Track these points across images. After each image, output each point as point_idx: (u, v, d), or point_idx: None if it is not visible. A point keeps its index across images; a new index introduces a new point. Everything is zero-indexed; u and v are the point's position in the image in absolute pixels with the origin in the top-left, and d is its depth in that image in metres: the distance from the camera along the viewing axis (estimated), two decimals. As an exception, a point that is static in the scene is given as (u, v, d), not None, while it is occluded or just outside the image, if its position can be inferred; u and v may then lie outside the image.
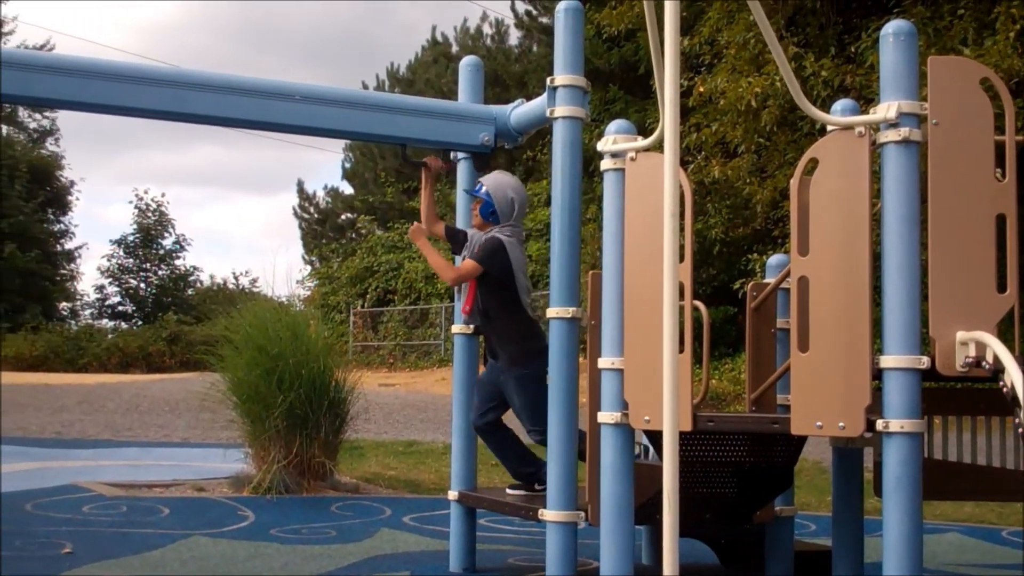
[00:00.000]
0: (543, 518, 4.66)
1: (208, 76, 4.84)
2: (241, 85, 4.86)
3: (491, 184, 5.36)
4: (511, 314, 5.27)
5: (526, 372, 5.19)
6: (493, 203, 5.31)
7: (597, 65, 23.20)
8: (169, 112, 4.80)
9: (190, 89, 4.76)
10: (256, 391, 8.03)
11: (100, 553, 5.59)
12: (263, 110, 4.89)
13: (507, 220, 5.32)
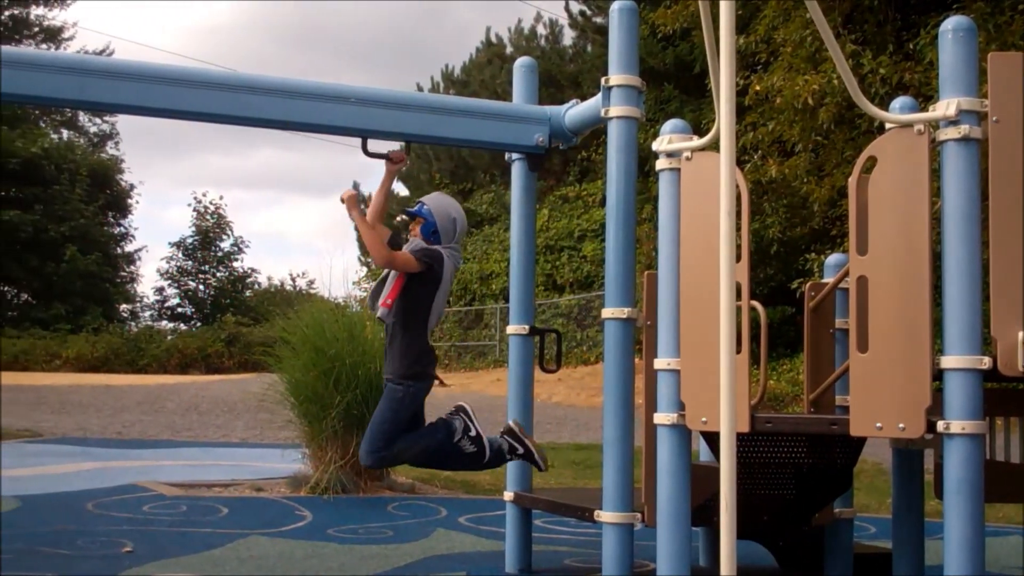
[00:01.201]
0: (599, 519, 4.65)
1: (265, 80, 4.88)
2: (297, 88, 4.89)
3: (433, 204, 5.18)
4: (416, 329, 5.00)
5: (400, 389, 4.98)
6: (435, 222, 5.09)
7: (652, 64, 23.12)
8: (227, 116, 4.84)
9: (247, 93, 4.80)
10: (313, 392, 8.09)
11: (160, 552, 5.65)
12: (319, 113, 4.92)
13: (448, 241, 5.09)
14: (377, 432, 4.95)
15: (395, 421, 4.95)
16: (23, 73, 4.51)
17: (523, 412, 5.50)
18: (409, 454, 5.03)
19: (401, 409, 4.95)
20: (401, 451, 5.00)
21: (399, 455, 5.04)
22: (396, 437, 4.92)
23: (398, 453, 5.02)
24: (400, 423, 4.92)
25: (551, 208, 30.63)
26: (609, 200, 4.81)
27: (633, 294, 4.78)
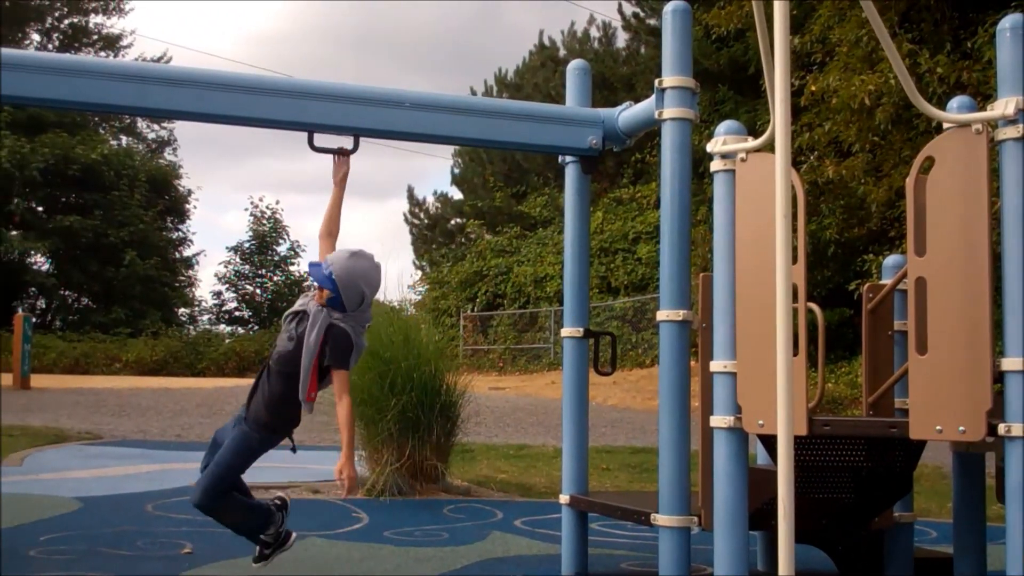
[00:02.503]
0: (656, 523, 4.64)
1: (320, 85, 4.92)
2: (352, 93, 4.92)
3: (340, 271, 4.75)
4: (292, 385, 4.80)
5: (256, 438, 4.89)
6: (339, 294, 4.75)
7: (706, 66, 23.02)
8: (283, 121, 4.88)
9: (303, 98, 4.84)
10: (369, 394, 8.13)
11: (218, 553, 5.71)
12: (374, 117, 4.94)
13: (353, 309, 4.81)
14: (217, 474, 4.80)
15: (238, 467, 4.88)
16: (83, 81, 4.58)
17: (578, 415, 5.49)
18: (227, 519, 4.94)
19: (249, 457, 4.88)
20: (225, 510, 4.88)
21: (221, 513, 4.89)
22: (231, 483, 4.81)
23: (222, 511, 4.88)
24: (241, 469, 4.85)
25: (605, 210, 30.61)
26: (663, 202, 4.80)
27: (688, 296, 4.76)
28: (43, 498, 7.50)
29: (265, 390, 4.87)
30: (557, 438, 8.64)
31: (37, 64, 4.63)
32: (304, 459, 10.76)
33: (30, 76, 4.54)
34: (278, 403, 4.84)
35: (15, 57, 4.66)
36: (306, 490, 8.23)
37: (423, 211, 44.72)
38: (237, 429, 4.90)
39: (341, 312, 4.76)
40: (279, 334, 4.92)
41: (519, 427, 15.66)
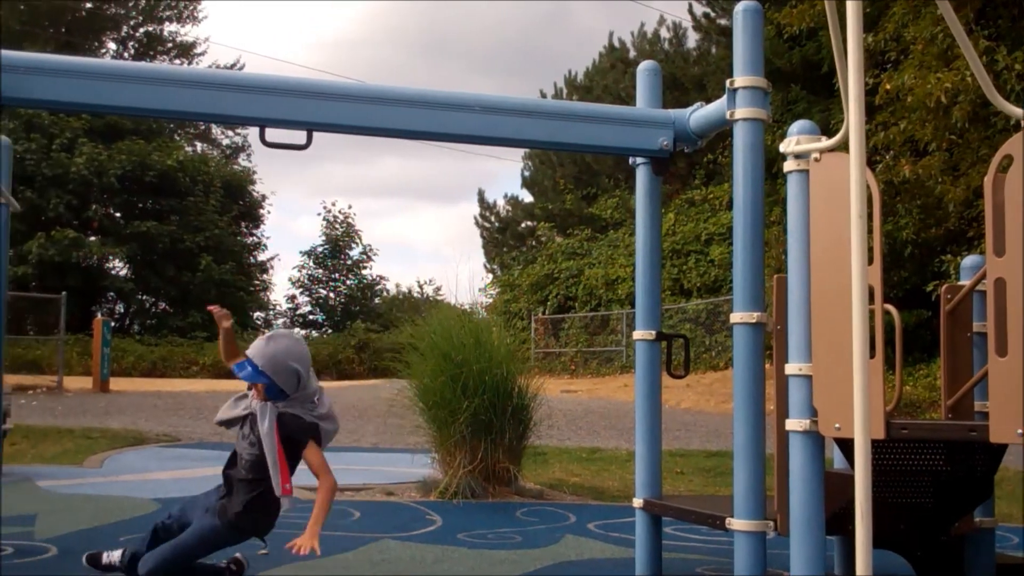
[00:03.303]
0: (731, 527, 4.59)
1: (391, 90, 4.94)
2: (423, 98, 4.94)
3: (264, 360, 4.59)
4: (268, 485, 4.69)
5: (222, 530, 4.69)
6: (274, 382, 4.60)
7: (778, 65, 22.83)
8: (355, 126, 4.91)
9: (374, 103, 4.86)
10: (441, 397, 8.16)
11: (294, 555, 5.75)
12: (444, 122, 4.95)
13: (294, 391, 4.68)
14: (176, 557, 4.61)
15: (200, 555, 4.74)
16: (159, 89, 4.66)
17: (651, 418, 5.46)
18: None
19: (214, 548, 4.73)
20: None
21: None
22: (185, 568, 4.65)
23: None
24: (198, 556, 4.71)
25: (677, 212, 30.47)
26: (736, 203, 4.75)
27: (762, 298, 4.71)
28: (122, 499, 7.63)
29: (243, 486, 4.72)
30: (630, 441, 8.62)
31: (113, 73, 4.71)
32: (377, 461, 10.85)
33: (106, 85, 4.62)
34: (256, 506, 4.71)
35: (92, 66, 4.75)
36: (380, 492, 8.28)
37: (494, 214, 44.87)
38: (208, 518, 4.70)
39: (284, 399, 4.64)
40: (237, 442, 4.79)
41: (591, 430, 15.63)
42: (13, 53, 4.60)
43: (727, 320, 4.90)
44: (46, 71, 4.56)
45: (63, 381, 22.22)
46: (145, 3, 49.70)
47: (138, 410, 17.20)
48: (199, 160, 45.40)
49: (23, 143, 36.50)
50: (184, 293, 42.14)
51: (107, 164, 39.33)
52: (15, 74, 4.49)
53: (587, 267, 32.24)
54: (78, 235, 38.38)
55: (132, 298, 43.57)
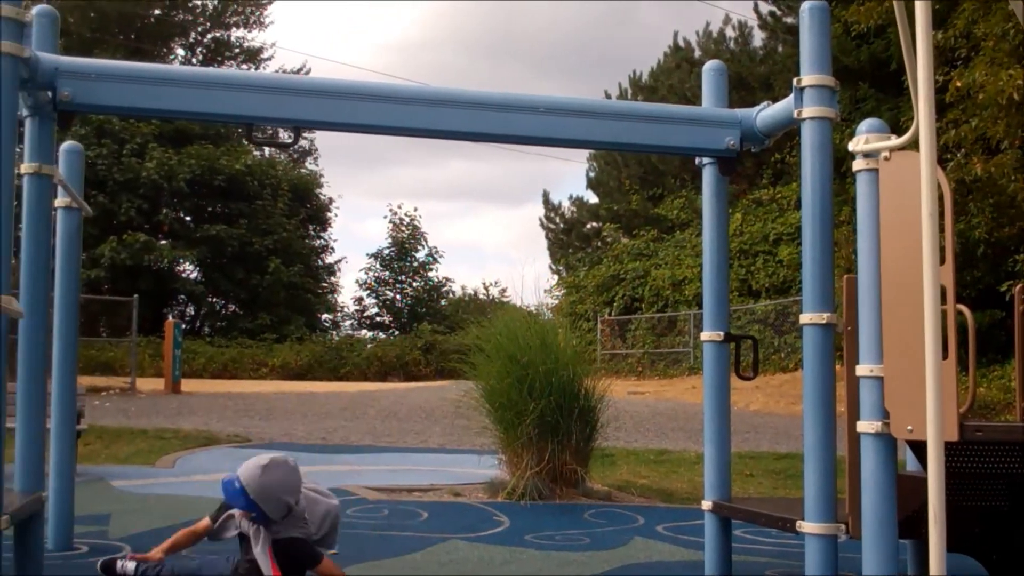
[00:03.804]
0: (801, 530, 4.55)
1: (456, 93, 4.96)
2: (487, 100, 4.95)
3: (255, 488, 4.50)
4: None
5: None
6: (260, 510, 4.49)
7: (846, 63, 22.58)
8: (420, 129, 4.95)
9: (440, 106, 4.89)
10: (508, 398, 8.17)
11: (363, 555, 5.79)
12: (509, 124, 4.96)
13: (281, 515, 4.55)
14: None
15: None
16: (226, 93, 4.72)
17: (720, 420, 5.43)
18: None
19: None
20: None
21: None
22: None
23: None
24: None
25: (744, 212, 30.25)
26: (805, 203, 4.71)
27: (832, 299, 4.66)
28: (194, 499, 7.72)
29: None
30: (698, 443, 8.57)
31: (183, 79, 4.78)
32: (444, 462, 10.89)
33: (178, 90, 4.69)
34: None
35: (163, 72, 4.82)
36: (447, 493, 8.31)
37: (559, 215, 44.82)
38: None
39: (273, 523, 4.54)
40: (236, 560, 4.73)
41: (659, 432, 15.56)
42: (82, 60, 4.68)
43: (796, 321, 4.86)
44: (111, 77, 4.63)
45: (136, 382, 22.56)
46: (212, 9, 50.37)
47: (209, 411, 17.42)
48: (267, 164, 45.89)
49: (95, 148, 37.15)
50: (253, 295, 42.61)
51: (177, 168, 39.89)
52: (85, 81, 4.56)
53: (653, 268, 32.10)
54: (149, 239, 38.97)
55: (202, 300, 44.14)
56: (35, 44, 4.59)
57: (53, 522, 5.61)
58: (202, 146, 41.59)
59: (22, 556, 4.80)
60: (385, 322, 51.46)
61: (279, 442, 12.72)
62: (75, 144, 6.02)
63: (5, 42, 4.02)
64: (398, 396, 23.85)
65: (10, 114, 4.06)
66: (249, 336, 40.31)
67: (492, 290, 56.26)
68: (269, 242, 42.44)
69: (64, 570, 5.18)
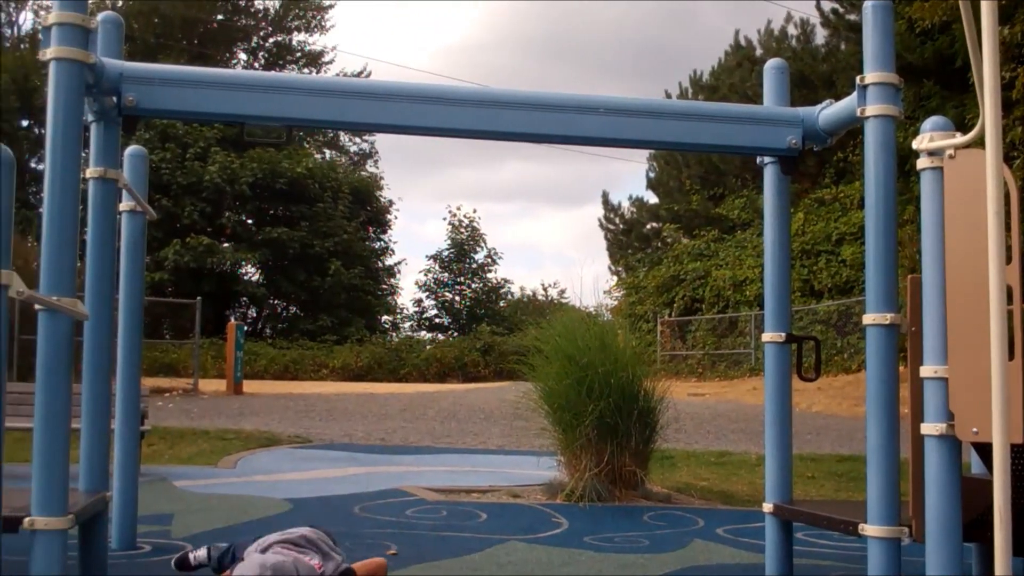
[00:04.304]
0: (864, 533, 4.49)
1: (515, 94, 4.96)
2: (546, 101, 4.95)
3: None
4: None
5: None
6: None
7: (910, 60, 22.30)
8: (479, 131, 4.96)
9: (499, 108, 4.90)
10: (566, 400, 8.15)
11: (422, 555, 5.81)
12: (568, 124, 4.96)
13: None
14: None
15: None
16: (288, 97, 4.76)
17: (781, 422, 5.38)
18: None
19: None
20: None
21: None
22: None
23: None
24: None
25: (807, 211, 29.96)
26: (868, 202, 4.65)
27: (896, 299, 4.60)
28: (256, 499, 7.80)
29: None
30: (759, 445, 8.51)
31: (246, 83, 4.82)
32: (503, 463, 10.91)
33: (240, 95, 4.74)
34: None
35: (226, 76, 4.88)
36: (506, 494, 8.31)
37: (618, 216, 44.71)
38: None
39: None
40: None
41: (720, 434, 15.47)
42: (146, 65, 4.74)
43: (859, 322, 4.80)
44: (175, 82, 4.69)
45: (199, 384, 22.84)
46: (274, 13, 50.85)
47: (270, 412, 17.58)
48: (328, 167, 46.26)
49: (158, 153, 37.66)
50: (314, 297, 42.95)
51: (239, 172, 40.33)
52: (149, 86, 4.62)
53: (714, 268, 31.91)
54: (212, 241, 39.42)
55: (264, 302, 44.59)
56: (100, 50, 4.67)
57: (117, 521, 5.68)
58: (264, 150, 42.00)
59: (86, 555, 4.88)
60: (444, 323, 51.66)
61: (339, 443, 12.81)
62: (139, 148, 6.10)
63: (71, 48, 4.08)
64: (457, 397, 23.91)
65: (76, 119, 4.12)
66: (310, 338, 40.62)
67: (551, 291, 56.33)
68: (330, 244, 42.74)
69: (128, 569, 5.25)
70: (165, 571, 5.26)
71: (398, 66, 79.69)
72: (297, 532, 4.50)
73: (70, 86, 4.10)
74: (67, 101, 4.09)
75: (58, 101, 4.07)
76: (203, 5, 47.47)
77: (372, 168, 53.28)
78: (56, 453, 3.96)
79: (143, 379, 6.08)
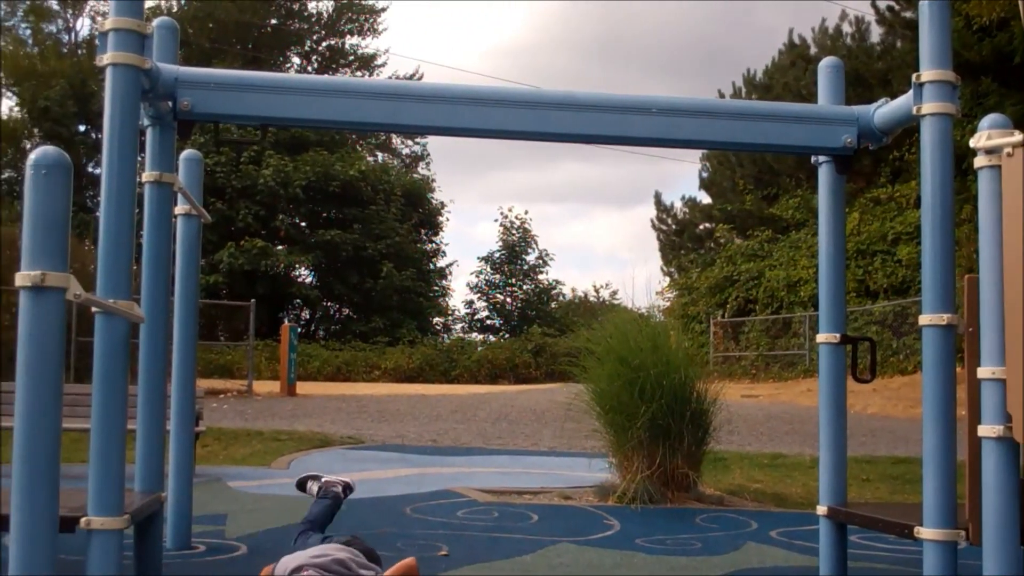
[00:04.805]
0: (920, 536, 4.44)
1: (568, 95, 4.96)
2: (599, 102, 4.94)
3: None
4: None
5: None
6: None
7: (967, 57, 22.00)
8: (532, 132, 4.95)
9: (551, 109, 4.89)
10: (618, 401, 8.13)
11: (473, 556, 5.82)
12: (621, 125, 4.95)
13: None
14: None
15: None
16: (341, 100, 4.79)
17: (836, 424, 5.33)
18: None
19: None
20: None
21: None
22: None
23: None
24: None
25: (862, 211, 29.66)
26: (924, 201, 4.60)
27: (953, 299, 4.54)
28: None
29: None
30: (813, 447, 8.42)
31: (299, 87, 4.86)
32: (554, 465, 10.89)
33: (295, 98, 4.77)
34: None
35: (279, 80, 4.91)
36: (557, 496, 8.30)
37: (671, 216, 44.47)
38: None
39: None
40: None
41: (773, 436, 15.35)
42: (201, 70, 4.79)
43: (915, 322, 4.74)
44: (229, 86, 4.73)
45: (253, 385, 23.01)
46: (327, 17, 51.17)
47: (323, 413, 17.68)
48: (380, 170, 46.43)
49: (213, 157, 37.99)
50: (367, 299, 43.13)
51: (293, 175, 40.59)
52: (204, 90, 4.67)
53: (768, 269, 31.66)
54: (266, 244, 39.71)
55: (317, 304, 44.83)
56: (156, 55, 4.72)
57: (172, 521, 5.74)
58: (317, 153, 42.26)
59: (141, 555, 4.94)
60: (495, 325, 51.68)
61: (391, 444, 12.85)
62: (194, 152, 6.16)
63: (127, 54, 4.13)
64: (508, 399, 23.90)
65: (132, 124, 4.17)
66: (362, 339, 40.80)
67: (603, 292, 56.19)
68: (382, 247, 42.91)
69: (182, 569, 5.30)
70: (219, 571, 5.31)
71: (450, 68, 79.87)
72: (330, 556, 4.30)
73: (126, 91, 4.15)
74: (123, 106, 4.14)
75: (114, 106, 4.12)
76: (257, 10, 47.86)
77: (424, 170, 53.45)
78: (112, 454, 4.01)
79: (198, 380, 6.14)
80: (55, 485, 3.31)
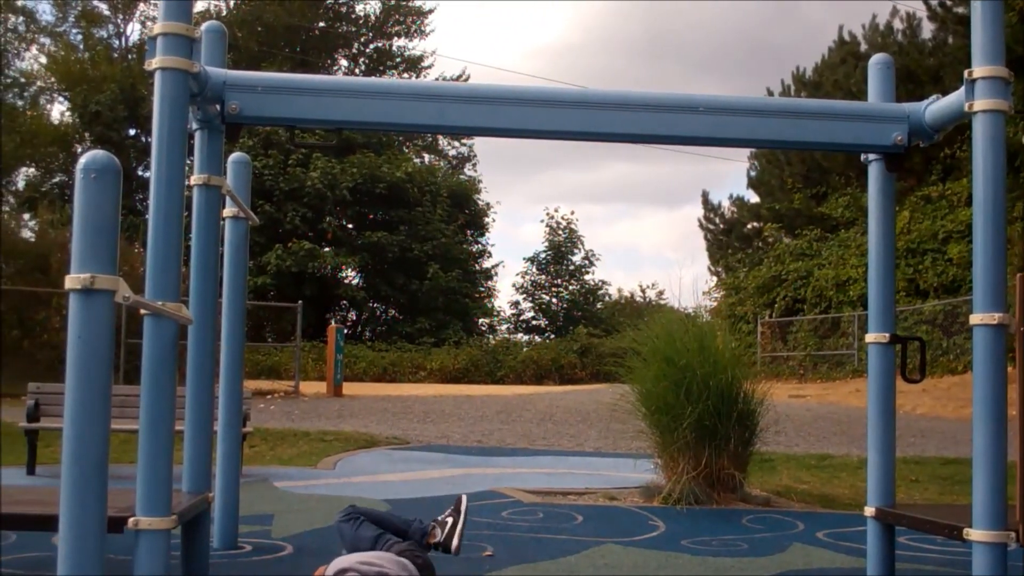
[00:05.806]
0: (969, 538, 4.38)
1: (613, 95, 4.94)
2: (645, 101, 4.92)
3: None
4: None
5: None
6: None
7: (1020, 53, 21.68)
8: (578, 132, 4.94)
9: (597, 109, 4.88)
10: (664, 402, 8.09)
11: (518, 557, 5.81)
12: (669, 125, 4.92)
13: None
14: None
15: None
16: (388, 102, 4.80)
17: (884, 424, 5.27)
18: None
19: None
20: None
21: None
22: None
23: None
24: None
25: (912, 209, 29.36)
26: (976, 199, 4.54)
27: (1004, 298, 4.48)
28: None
29: None
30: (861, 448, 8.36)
31: (347, 89, 4.88)
32: (599, 466, 10.87)
33: (342, 100, 4.80)
34: None
35: (327, 83, 4.94)
36: (602, 496, 8.29)
37: (718, 216, 44.26)
38: None
39: None
40: None
41: (821, 436, 15.23)
42: (249, 73, 4.82)
43: (966, 322, 4.68)
44: (277, 89, 4.76)
45: (299, 386, 23.16)
46: (375, 20, 51.40)
47: (369, 414, 17.75)
48: (426, 171, 46.61)
49: (261, 159, 38.32)
50: (413, 300, 43.29)
51: (340, 177, 40.83)
52: (252, 93, 4.70)
53: (816, 268, 31.42)
54: (313, 246, 39.98)
55: (364, 306, 45.05)
56: (204, 59, 4.75)
57: (219, 521, 5.78)
58: (364, 155, 42.48)
59: (189, 555, 4.97)
60: (541, 325, 51.66)
61: (436, 444, 12.88)
62: (242, 155, 6.20)
63: (176, 58, 4.16)
64: (553, 399, 23.89)
65: (180, 127, 4.20)
66: (408, 340, 40.96)
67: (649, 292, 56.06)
68: (428, 248, 43.06)
69: (229, 569, 5.34)
70: (265, 570, 5.34)
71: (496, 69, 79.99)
72: (376, 568, 4.27)
73: (175, 95, 4.18)
74: (172, 110, 4.17)
75: (163, 110, 4.15)
76: (305, 12, 48.19)
77: (470, 172, 53.59)
78: (160, 454, 4.04)
79: (245, 382, 6.18)
80: (104, 485, 3.34)
